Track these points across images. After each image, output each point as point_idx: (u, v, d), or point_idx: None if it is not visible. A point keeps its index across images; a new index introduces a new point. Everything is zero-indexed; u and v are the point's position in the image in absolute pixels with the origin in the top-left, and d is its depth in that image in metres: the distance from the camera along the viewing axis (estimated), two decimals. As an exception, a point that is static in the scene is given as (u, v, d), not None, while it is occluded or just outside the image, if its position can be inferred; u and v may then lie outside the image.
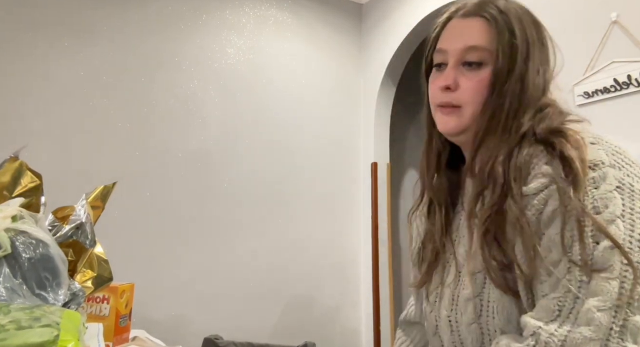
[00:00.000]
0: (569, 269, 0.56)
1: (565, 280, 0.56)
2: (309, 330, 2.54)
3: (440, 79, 0.72)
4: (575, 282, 0.55)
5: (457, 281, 0.72)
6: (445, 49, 0.72)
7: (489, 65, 0.68)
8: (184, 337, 2.10)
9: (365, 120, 2.96)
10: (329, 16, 2.95)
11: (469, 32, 0.70)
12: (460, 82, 0.70)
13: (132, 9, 2.34)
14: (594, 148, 0.60)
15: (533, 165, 0.62)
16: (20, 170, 0.70)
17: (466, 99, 0.69)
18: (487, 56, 0.68)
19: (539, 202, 0.60)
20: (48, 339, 0.47)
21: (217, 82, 2.52)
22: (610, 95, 1.66)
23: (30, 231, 0.60)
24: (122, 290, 1.15)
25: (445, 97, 0.71)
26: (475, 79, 0.68)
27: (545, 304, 0.57)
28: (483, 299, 0.66)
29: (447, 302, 0.73)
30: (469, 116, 0.69)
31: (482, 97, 0.68)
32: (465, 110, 0.69)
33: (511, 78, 0.67)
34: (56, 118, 2.12)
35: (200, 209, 2.38)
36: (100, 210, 0.79)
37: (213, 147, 2.46)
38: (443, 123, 0.72)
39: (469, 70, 0.69)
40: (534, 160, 0.62)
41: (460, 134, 0.72)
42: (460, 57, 0.70)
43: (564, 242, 0.57)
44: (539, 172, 0.61)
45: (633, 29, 1.63)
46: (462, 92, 0.69)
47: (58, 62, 2.15)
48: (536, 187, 0.60)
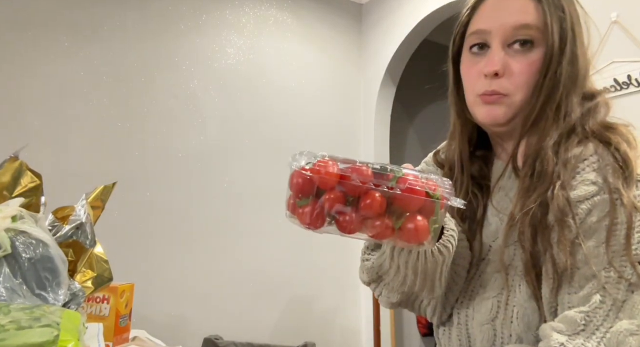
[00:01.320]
0: (605, 285, 0.53)
1: (598, 295, 0.53)
2: (309, 330, 2.54)
3: (484, 64, 0.63)
4: (609, 300, 0.52)
5: (473, 275, 0.68)
6: (486, 28, 0.64)
7: (540, 45, 0.62)
8: (184, 337, 2.10)
9: (365, 120, 2.96)
10: (328, 16, 2.95)
11: (517, 9, 0.62)
12: (510, 66, 0.62)
13: (132, 9, 2.34)
14: None
15: (583, 168, 0.58)
16: (20, 170, 0.70)
17: (516, 84, 0.62)
18: (538, 36, 0.62)
19: (582, 210, 0.56)
20: (48, 339, 0.47)
21: (217, 82, 2.52)
22: (610, 95, 1.66)
23: (30, 231, 0.60)
24: (122, 290, 1.15)
25: (491, 85, 0.63)
26: (526, 62, 0.62)
27: (571, 316, 0.53)
28: (501, 301, 0.63)
29: (458, 293, 0.69)
30: (518, 104, 0.63)
31: (533, 81, 0.62)
32: (515, 98, 0.62)
33: (564, 59, 0.61)
34: (56, 118, 2.12)
35: (200, 209, 2.38)
36: (100, 210, 0.79)
37: (213, 147, 2.46)
38: (488, 114, 0.64)
39: (518, 53, 0.62)
40: (583, 162, 0.58)
41: (507, 124, 0.65)
42: (509, 37, 0.62)
43: (605, 256, 0.53)
44: (587, 179, 0.57)
45: (633, 29, 1.63)
46: (512, 78, 0.62)
47: (58, 62, 2.15)
48: (582, 195, 0.56)
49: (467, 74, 0.67)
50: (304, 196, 0.51)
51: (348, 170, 0.49)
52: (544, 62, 0.61)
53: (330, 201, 0.49)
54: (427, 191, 0.50)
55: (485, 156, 0.73)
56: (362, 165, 0.50)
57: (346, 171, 0.49)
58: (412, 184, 0.49)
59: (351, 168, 0.49)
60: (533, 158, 0.62)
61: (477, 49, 0.65)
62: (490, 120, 0.65)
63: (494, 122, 0.65)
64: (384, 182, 0.49)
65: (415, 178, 0.49)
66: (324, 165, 0.50)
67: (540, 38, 0.62)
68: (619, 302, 0.52)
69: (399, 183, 0.49)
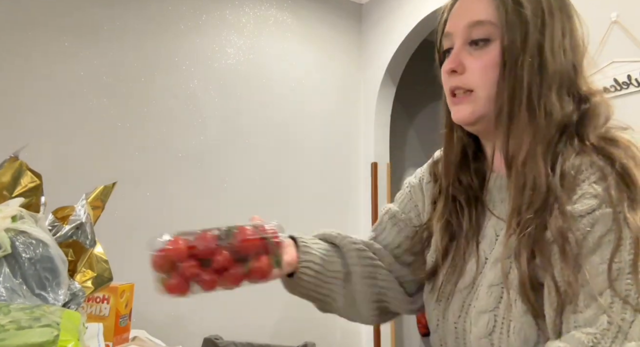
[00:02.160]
0: (612, 305, 0.50)
1: (605, 316, 0.50)
2: (309, 330, 2.54)
3: (446, 63, 0.65)
4: (617, 321, 0.50)
5: (470, 288, 0.67)
6: (450, 31, 0.66)
7: (497, 41, 0.62)
8: (184, 337, 2.10)
9: (365, 120, 2.96)
10: (328, 16, 2.95)
11: (472, 8, 0.64)
12: (467, 63, 0.63)
13: (132, 9, 2.34)
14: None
15: (582, 179, 0.56)
16: (20, 170, 0.70)
17: (476, 81, 0.63)
18: (494, 31, 0.62)
19: (584, 225, 0.54)
20: (48, 339, 0.47)
21: (217, 82, 2.52)
22: (610, 95, 1.66)
23: (30, 231, 0.60)
24: (122, 290, 1.15)
25: (453, 81, 0.65)
26: (484, 58, 0.62)
27: (577, 337, 0.51)
28: (498, 315, 0.61)
29: (455, 308, 0.69)
30: (484, 101, 0.62)
31: (494, 77, 0.61)
32: (478, 93, 0.63)
33: (525, 51, 0.59)
34: (56, 118, 2.12)
35: (200, 209, 2.38)
36: (100, 210, 0.79)
37: (213, 147, 2.46)
38: (456, 112, 0.65)
39: (476, 49, 0.63)
40: (582, 173, 0.56)
41: (477, 123, 0.65)
42: (466, 36, 0.64)
43: (610, 273, 0.51)
44: (588, 192, 0.55)
45: (633, 29, 1.63)
46: (470, 74, 0.63)
47: (58, 62, 2.15)
48: (583, 209, 0.54)
49: (442, 75, 0.68)
50: (165, 272, 0.61)
51: (194, 240, 0.62)
52: (501, 56, 0.61)
53: (187, 269, 0.60)
54: (263, 236, 0.65)
55: (478, 167, 0.72)
56: (205, 232, 0.62)
57: (193, 241, 0.62)
58: (247, 235, 0.64)
59: (196, 237, 0.62)
60: (521, 167, 0.60)
61: (448, 53, 0.67)
62: (458, 118, 0.66)
63: (462, 120, 0.66)
64: (225, 241, 0.62)
65: (252, 231, 0.65)
66: (174, 241, 0.61)
67: (496, 33, 0.62)
68: (627, 323, 0.50)
69: (236, 237, 0.63)
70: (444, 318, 0.71)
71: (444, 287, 0.71)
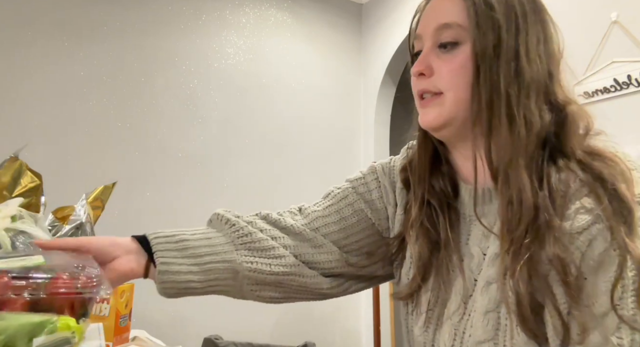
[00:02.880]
0: (619, 326, 0.48)
1: (615, 338, 0.48)
2: (309, 330, 2.54)
3: (414, 65, 0.63)
4: (627, 343, 0.47)
5: (460, 315, 0.61)
6: (420, 33, 0.64)
7: (467, 44, 0.59)
8: (184, 337, 2.10)
9: (365, 120, 2.96)
10: (328, 16, 2.95)
11: (441, 10, 0.61)
12: (435, 66, 0.61)
13: (132, 9, 2.34)
14: (636, 177, 0.52)
15: (573, 194, 0.53)
16: (20, 170, 0.70)
17: (445, 84, 0.60)
18: (464, 34, 0.59)
19: (582, 243, 0.51)
20: (48, 318, 0.48)
21: (217, 82, 2.52)
22: (610, 95, 1.66)
23: (30, 230, 0.60)
24: (122, 290, 1.15)
25: (420, 84, 0.62)
26: (453, 61, 0.59)
27: None
28: (498, 344, 0.56)
29: (447, 337, 0.62)
30: (452, 104, 0.59)
31: (464, 80, 0.59)
32: (447, 97, 0.60)
33: (500, 56, 0.57)
34: (56, 118, 2.12)
35: (200, 209, 2.37)
36: (100, 210, 0.79)
37: (213, 147, 2.46)
38: (422, 115, 0.62)
39: (445, 52, 0.60)
40: (571, 188, 0.53)
41: (443, 127, 0.61)
42: (435, 39, 0.61)
43: (614, 293, 0.48)
44: (583, 206, 0.52)
45: (633, 29, 1.63)
46: (438, 77, 0.60)
47: (58, 62, 2.15)
48: (580, 225, 0.51)
49: (411, 79, 0.66)
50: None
51: None
52: (473, 59, 0.58)
53: None
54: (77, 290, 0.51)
55: (448, 173, 0.68)
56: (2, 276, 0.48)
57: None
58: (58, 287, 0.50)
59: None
60: (505, 180, 0.56)
61: (417, 56, 0.65)
62: (424, 122, 0.63)
63: (429, 125, 0.62)
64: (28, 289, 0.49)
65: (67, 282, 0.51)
66: None
67: (466, 36, 0.59)
68: (637, 344, 0.48)
69: (47, 287, 0.50)
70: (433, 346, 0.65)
71: (431, 312, 0.65)
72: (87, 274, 0.53)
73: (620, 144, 0.57)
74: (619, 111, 1.63)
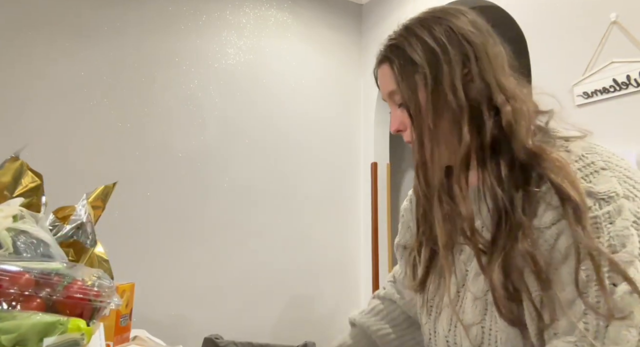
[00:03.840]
0: (585, 313, 0.52)
1: (581, 323, 0.52)
2: (309, 330, 2.54)
3: (391, 124, 0.74)
4: (592, 327, 0.52)
5: (456, 301, 0.69)
6: (383, 97, 0.75)
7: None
8: (184, 336, 2.10)
9: (365, 120, 2.96)
10: (329, 16, 2.95)
11: (382, 80, 0.72)
12: (405, 122, 0.70)
13: (133, 9, 2.34)
14: (605, 176, 0.56)
15: (541, 198, 0.58)
16: (21, 170, 0.70)
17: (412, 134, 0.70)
18: (401, 96, 0.69)
19: (550, 236, 0.56)
20: (59, 319, 0.48)
21: (217, 82, 2.52)
22: (609, 95, 1.66)
23: (31, 230, 0.60)
24: (123, 290, 1.15)
25: (404, 137, 0.72)
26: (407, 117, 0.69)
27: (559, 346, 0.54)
28: (485, 327, 0.63)
29: (445, 321, 0.70)
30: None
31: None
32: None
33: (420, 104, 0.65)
34: (56, 118, 2.12)
35: (200, 209, 2.38)
36: (100, 210, 0.79)
37: (213, 147, 2.47)
38: None
39: (403, 111, 0.70)
40: (539, 193, 0.58)
41: None
42: (391, 102, 0.72)
43: (578, 282, 0.53)
44: (550, 204, 0.57)
45: (633, 29, 1.63)
46: (409, 130, 0.70)
47: (58, 62, 2.15)
48: (549, 220, 0.57)
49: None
50: None
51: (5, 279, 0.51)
52: (410, 117, 0.67)
53: None
54: (90, 298, 0.55)
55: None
56: (24, 273, 0.51)
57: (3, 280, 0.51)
58: (73, 292, 0.53)
59: (10, 277, 0.50)
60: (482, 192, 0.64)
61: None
62: None
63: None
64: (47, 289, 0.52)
65: (81, 288, 0.54)
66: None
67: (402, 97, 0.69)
68: (602, 328, 0.51)
69: (64, 291, 0.52)
70: (435, 332, 0.72)
71: (432, 300, 0.74)
72: (100, 285, 0.56)
73: (620, 144, 0.58)
74: (618, 111, 1.64)
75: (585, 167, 0.57)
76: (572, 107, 1.73)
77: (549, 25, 1.93)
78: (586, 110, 1.70)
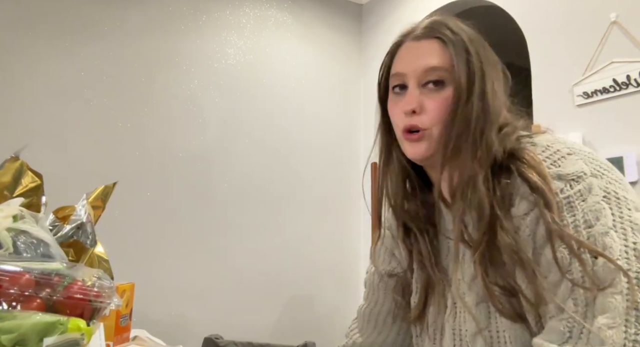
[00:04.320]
0: (572, 289, 0.55)
1: (570, 300, 0.55)
2: (309, 330, 2.55)
3: (404, 103, 0.70)
4: (581, 302, 0.54)
5: (454, 315, 0.70)
6: (403, 72, 0.71)
7: (449, 84, 0.67)
8: (184, 336, 2.10)
9: (365, 120, 2.96)
10: (329, 17, 2.96)
11: (426, 53, 0.69)
12: (425, 104, 0.68)
13: (132, 9, 2.35)
14: (572, 159, 0.60)
15: (516, 190, 0.62)
16: (21, 170, 0.70)
17: (432, 120, 0.68)
18: (447, 76, 0.68)
19: (531, 222, 0.60)
20: (59, 319, 0.48)
21: (217, 82, 2.52)
22: (609, 95, 1.66)
23: (31, 230, 0.60)
24: (123, 290, 1.15)
25: (411, 120, 0.69)
26: (439, 99, 0.68)
27: (554, 326, 0.56)
28: (492, 331, 0.65)
29: (448, 340, 0.71)
30: (437, 138, 0.68)
31: (447, 116, 0.67)
32: (433, 132, 0.68)
33: (473, 95, 0.66)
34: (56, 118, 2.12)
35: (200, 209, 2.38)
36: (100, 210, 0.79)
37: (213, 148, 2.47)
38: (412, 148, 0.70)
39: (431, 91, 0.68)
40: (512, 185, 0.63)
41: (431, 158, 0.70)
42: (422, 78, 0.69)
43: (559, 262, 0.56)
44: (523, 194, 0.61)
45: (633, 29, 1.64)
46: (427, 114, 0.68)
47: (58, 61, 2.15)
48: (525, 208, 0.60)
49: (392, 112, 0.73)
50: None
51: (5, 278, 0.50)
52: (454, 98, 0.67)
53: None
54: (90, 298, 0.54)
55: (425, 196, 0.77)
56: (24, 273, 0.50)
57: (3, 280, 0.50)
58: (74, 292, 0.53)
59: (10, 277, 0.50)
60: (462, 191, 0.65)
61: (398, 89, 0.72)
62: (415, 156, 0.70)
63: (421, 157, 0.70)
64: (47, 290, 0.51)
65: (81, 289, 0.54)
66: None
67: (449, 77, 0.67)
68: (590, 301, 0.54)
69: (64, 291, 0.52)
70: None
71: (435, 324, 0.74)
72: (101, 285, 0.56)
73: (620, 144, 0.60)
74: (618, 111, 1.64)
75: (552, 155, 0.62)
76: (572, 107, 1.73)
77: (549, 25, 1.93)
78: (586, 110, 1.70)
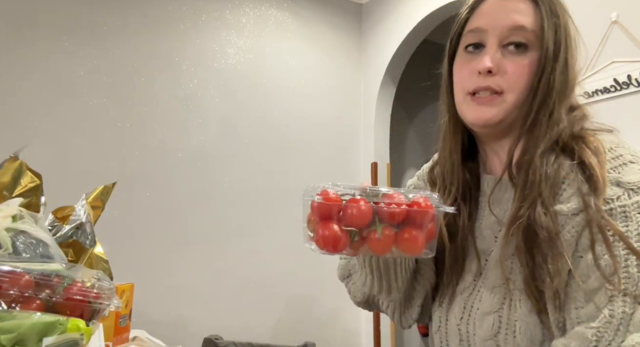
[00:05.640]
0: (611, 299, 0.52)
1: (607, 310, 0.52)
2: (309, 330, 2.54)
3: (478, 61, 0.63)
4: (618, 314, 0.51)
5: (470, 290, 0.68)
6: (483, 27, 0.64)
7: (534, 48, 0.61)
8: (184, 337, 2.10)
9: (365, 120, 2.96)
10: (328, 16, 2.95)
11: (515, 10, 0.62)
12: (504, 66, 0.62)
13: (132, 9, 2.34)
14: (634, 168, 0.57)
15: (561, 179, 0.59)
16: (20, 170, 0.70)
17: (510, 84, 0.62)
18: (533, 39, 0.61)
19: (577, 224, 0.56)
20: (58, 319, 0.48)
21: (217, 82, 2.52)
22: (610, 95, 1.66)
23: (30, 230, 0.60)
24: (122, 290, 1.15)
25: (484, 81, 0.62)
26: (521, 64, 0.61)
27: (581, 332, 0.53)
28: (502, 316, 0.62)
29: (457, 310, 0.69)
30: (511, 106, 0.62)
31: (526, 84, 0.61)
32: (507, 97, 0.62)
33: (557, 66, 0.60)
34: (56, 118, 2.12)
35: (200, 209, 2.38)
36: (100, 210, 0.79)
37: (213, 147, 2.46)
38: (477, 112, 0.64)
39: (512, 53, 0.62)
40: (562, 173, 0.59)
41: (496, 126, 0.64)
42: (504, 37, 0.62)
43: (601, 269, 0.53)
44: (575, 191, 0.57)
45: (633, 29, 1.63)
46: (505, 77, 0.62)
47: (58, 61, 2.15)
48: (574, 208, 0.57)
49: (459, 71, 0.67)
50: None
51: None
52: (539, 65, 0.61)
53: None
54: (90, 300, 0.55)
55: (472, 168, 0.72)
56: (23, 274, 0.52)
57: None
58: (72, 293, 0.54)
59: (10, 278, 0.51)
60: (526, 167, 0.61)
61: (472, 48, 0.65)
62: (482, 122, 0.64)
63: (485, 123, 0.64)
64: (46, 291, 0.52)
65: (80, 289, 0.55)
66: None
67: (534, 41, 0.62)
68: (627, 315, 0.51)
69: (64, 292, 0.53)
70: (446, 320, 0.71)
71: (445, 288, 0.72)
72: (100, 286, 0.56)
73: None
74: (619, 111, 1.63)
75: (614, 159, 0.58)
76: (572, 107, 1.73)
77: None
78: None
